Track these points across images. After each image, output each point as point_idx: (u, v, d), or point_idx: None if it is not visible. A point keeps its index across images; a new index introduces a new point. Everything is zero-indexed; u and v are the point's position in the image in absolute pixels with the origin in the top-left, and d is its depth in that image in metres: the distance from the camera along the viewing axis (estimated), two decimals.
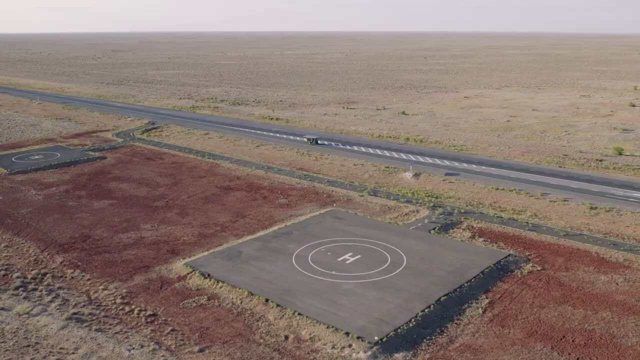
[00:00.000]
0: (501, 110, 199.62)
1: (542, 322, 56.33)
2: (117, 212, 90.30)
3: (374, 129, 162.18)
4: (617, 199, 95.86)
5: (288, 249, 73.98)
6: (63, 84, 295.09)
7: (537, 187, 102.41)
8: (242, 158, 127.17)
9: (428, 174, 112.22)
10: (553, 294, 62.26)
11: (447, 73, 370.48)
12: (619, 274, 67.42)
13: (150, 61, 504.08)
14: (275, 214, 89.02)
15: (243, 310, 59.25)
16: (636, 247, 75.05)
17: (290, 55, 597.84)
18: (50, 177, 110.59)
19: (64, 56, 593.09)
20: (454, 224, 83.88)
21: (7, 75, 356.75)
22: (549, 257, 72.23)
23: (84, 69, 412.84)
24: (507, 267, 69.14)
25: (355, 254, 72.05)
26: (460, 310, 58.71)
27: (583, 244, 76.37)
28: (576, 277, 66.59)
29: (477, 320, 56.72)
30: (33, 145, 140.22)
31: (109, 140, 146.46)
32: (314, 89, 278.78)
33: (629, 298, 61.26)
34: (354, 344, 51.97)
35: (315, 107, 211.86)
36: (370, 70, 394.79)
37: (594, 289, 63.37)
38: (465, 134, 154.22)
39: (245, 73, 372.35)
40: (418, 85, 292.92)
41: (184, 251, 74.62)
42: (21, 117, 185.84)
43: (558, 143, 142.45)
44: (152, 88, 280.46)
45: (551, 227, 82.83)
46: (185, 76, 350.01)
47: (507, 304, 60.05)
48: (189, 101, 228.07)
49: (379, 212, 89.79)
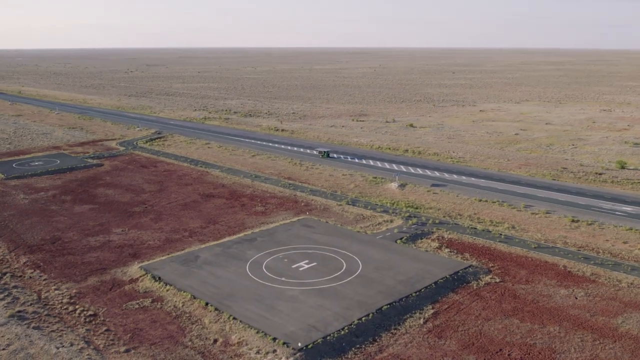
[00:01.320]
0: (513, 124, 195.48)
1: (483, 334, 54.20)
2: (94, 217, 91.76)
3: (375, 140, 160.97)
4: (602, 212, 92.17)
5: (246, 255, 73.61)
6: (87, 96, 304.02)
7: (523, 200, 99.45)
8: (233, 167, 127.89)
9: (414, 184, 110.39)
10: (504, 307, 59.94)
11: (471, 87, 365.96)
12: (582, 288, 64.50)
13: (180, 75, 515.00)
14: (247, 221, 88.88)
15: (182, 313, 59.04)
16: (608, 262, 71.78)
17: (318, 70, 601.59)
18: (43, 183, 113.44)
19: (99, 70, 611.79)
20: (424, 234, 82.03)
21: (38, 87, 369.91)
22: (513, 269, 69.73)
23: (113, 82, 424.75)
24: (465, 278, 67.01)
25: (311, 262, 71.14)
26: (401, 319, 57.06)
27: (552, 257, 73.51)
28: (534, 290, 64.01)
29: (414, 331, 54.98)
30: (37, 152, 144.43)
31: (111, 149, 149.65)
32: (330, 102, 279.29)
33: (584, 313, 58.44)
34: (278, 349, 51.06)
35: (325, 119, 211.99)
36: (393, 85, 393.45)
37: (549, 303, 60.73)
38: (467, 147, 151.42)
39: (267, 87, 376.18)
40: (437, 99, 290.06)
41: (145, 255, 75.09)
42: (36, 126, 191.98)
43: (561, 156, 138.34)
44: (171, 100, 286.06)
45: (524, 240, 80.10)
46: (208, 89, 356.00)
47: (452, 315, 58.08)
48: (202, 112, 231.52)
49: (351, 221, 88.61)
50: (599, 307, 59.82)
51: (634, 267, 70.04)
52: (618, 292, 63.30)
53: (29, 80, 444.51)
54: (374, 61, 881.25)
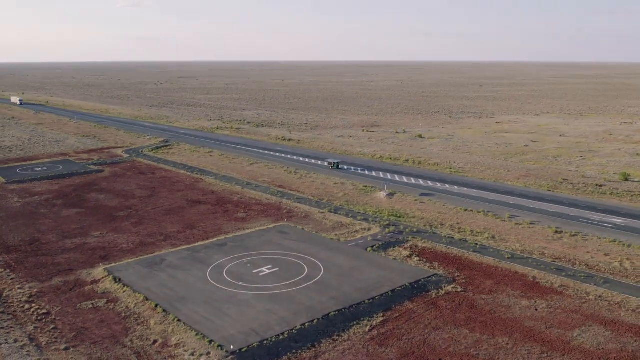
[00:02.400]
0: (525, 136, 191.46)
1: (427, 344, 52.68)
2: (78, 220, 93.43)
3: (379, 151, 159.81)
4: (590, 224, 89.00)
5: (211, 259, 73.66)
6: (110, 106, 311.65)
7: (512, 210, 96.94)
8: (229, 175, 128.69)
9: (403, 193, 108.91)
10: (457, 316, 58.20)
11: (494, 100, 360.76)
12: (546, 299, 62.17)
13: (208, 87, 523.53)
14: (224, 227, 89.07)
15: (131, 314, 59.30)
16: (581, 274, 69.07)
17: (345, 83, 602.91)
18: (40, 187, 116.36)
19: (131, 82, 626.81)
20: (398, 243, 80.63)
21: (66, 97, 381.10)
22: (478, 279, 67.78)
23: (139, 93, 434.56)
24: (425, 287, 65.44)
25: (274, 267, 70.70)
26: (347, 326, 55.99)
27: (524, 268, 71.20)
28: (494, 300, 62.01)
29: (357, 338, 53.83)
30: (45, 158, 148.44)
31: (116, 156, 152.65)
32: (347, 113, 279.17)
33: (539, 325, 56.25)
34: (212, 352, 50.72)
35: (335, 130, 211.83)
36: (415, 97, 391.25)
37: (506, 314, 58.70)
38: (471, 157, 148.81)
39: (288, 98, 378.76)
40: (455, 111, 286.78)
41: (115, 257, 75.91)
42: (52, 134, 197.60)
43: (565, 168, 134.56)
44: (190, 110, 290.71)
45: (499, 250, 77.90)
46: (229, 100, 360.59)
47: (400, 324, 56.69)
48: (216, 122, 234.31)
49: (328, 229, 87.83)
50: (557, 319, 57.51)
51: (607, 280, 67.21)
52: (583, 305, 60.77)
53: (60, 91, 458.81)
54: (405, 74, 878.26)
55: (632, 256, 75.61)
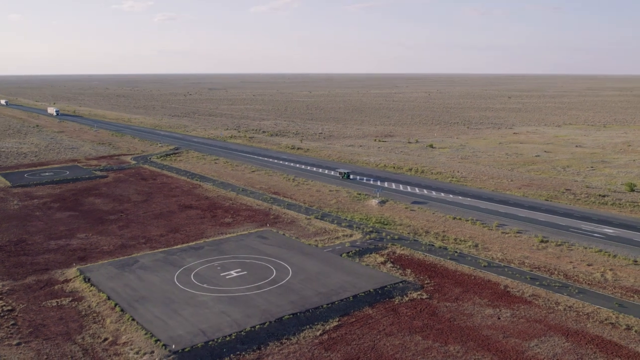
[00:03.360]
0: (540, 146, 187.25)
1: (374, 349, 51.57)
2: (68, 222, 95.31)
3: (384, 159, 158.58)
4: (579, 233, 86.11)
5: (184, 262, 74.03)
6: (133, 115, 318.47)
7: (502, 219, 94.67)
8: (227, 181, 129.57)
9: (395, 201, 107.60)
10: (414, 323, 56.85)
11: (519, 111, 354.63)
12: (512, 308, 60.22)
13: (235, 98, 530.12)
14: (207, 231, 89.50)
15: (91, 312, 59.96)
16: (556, 283, 66.78)
17: (372, 94, 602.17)
18: (42, 191, 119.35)
19: (161, 93, 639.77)
20: (376, 249, 79.51)
21: (94, 107, 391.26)
22: (448, 287, 66.17)
23: (166, 103, 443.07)
24: (390, 293, 64.25)
25: (243, 270, 70.58)
26: (299, 330, 55.31)
27: (498, 277, 69.24)
28: (458, 308, 60.37)
29: (305, 342, 53.10)
30: (55, 164, 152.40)
31: (123, 162, 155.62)
32: (365, 123, 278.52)
33: (497, 334, 54.45)
34: (156, 351, 50.80)
35: (348, 139, 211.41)
36: (438, 108, 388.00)
37: (466, 322, 57.05)
38: (476, 167, 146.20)
39: (310, 109, 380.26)
40: (475, 121, 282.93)
41: (92, 258, 77.06)
42: (70, 141, 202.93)
43: (571, 178, 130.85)
44: (210, 120, 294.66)
45: (477, 258, 76.03)
46: (251, 110, 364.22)
47: (353, 329, 55.69)
48: (232, 131, 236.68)
49: (310, 234, 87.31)
50: (518, 328, 55.58)
51: (582, 290, 64.77)
52: (549, 315, 58.61)
53: (90, 101, 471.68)
54: (436, 86, 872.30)
55: (615, 267, 72.75)
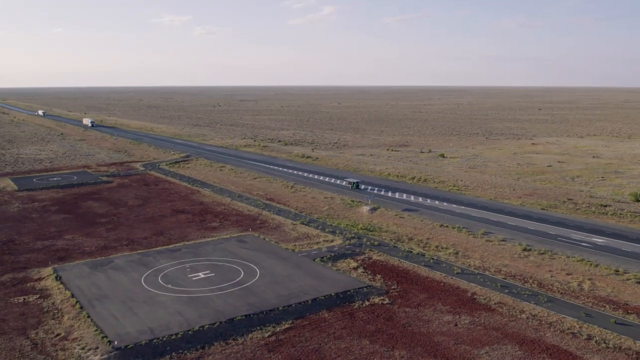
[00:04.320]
0: (555, 157, 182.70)
1: (318, 352, 50.87)
2: (60, 224, 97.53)
3: (390, 168, 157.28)
4: (567, 242, 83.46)
5: (157, 263, 74.78)
6: (157, 125, 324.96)
7: (490, 227, 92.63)
8: (227, 187, 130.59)
9: (386, 208, 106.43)
10: (367, 328, 55.88)
11: (545, 122, 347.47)
12: (473, 316, 58.57)
13: (262, 109, 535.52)
14: (191, 235, 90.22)
15: (52, 309, 61.00)
16: (526, 292, 64.77)
17: (401, 106, 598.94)
18: (45, 195, 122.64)
19: (192, 104, 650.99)
20: (352, 255, 78.70)
21: (121, 117, 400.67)
22: (413, 293, 64.88)
23: (192, 114, 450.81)
24: (352, 297, 63.39)
25: (211, 272, 70.82)
26: (248, 331, 55.05)
27: (468, 284, 67.57)
28: (417, 314, 59.08)
29: (251, 343, 52.78)
30: (66, 170, 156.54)
31: (132, 169, 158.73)
32: (383, 133, 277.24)
33: (448, 340, 53.01)
34: (100, 347, 51.35)
35: (360, 149, 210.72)
36: (462, 119, 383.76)
37: (421, 328, 55.74)
38: (482, 176, 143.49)
39: (333, 120, 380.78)
40: (497, 132, 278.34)
41: (71, 258, 78.56)
42: (88, 149, 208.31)
43: (577, 188, 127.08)
44: (230, 130, 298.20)
45: (452, 265, 74.44)
46: (273, 121, 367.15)
47: (303, 332, 55.09)
48: (248, 141, 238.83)
49: (291, 239, 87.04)
50: (472, 336, 53.98)
51: (552, 299, 62.60)
52: (509, 323, 56.76)
53: (120, 111, 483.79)
54: (469, 98, 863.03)
55: (595, 276, 70.08)
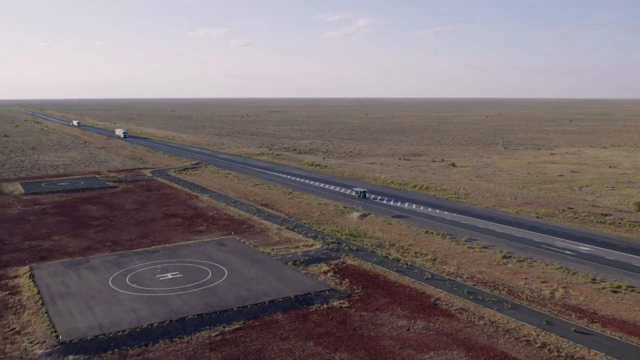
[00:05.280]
0: (570, 166, 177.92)
1: (259, 352, 50.51)
2: (53, 226, 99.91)
3: (395, 176, 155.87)
4: (549, 250, 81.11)
5: (130, 263, 75.77)
6: (179, 134, 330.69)
7: (476, 234, 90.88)
8: (226, 193, 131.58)
9: (376, 215, 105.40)
10: (317, 330, 55.23)
11: (571, 133, 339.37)
12: (429, 321, 57.23)
13: (288, 119, 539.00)
14: (175, 238, 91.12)
15: (16, 305, 62.38)
16: (492, 298, 62.93)
17: (429, 117, 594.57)
18: (49, 199, 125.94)
19: (222, 115, 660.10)
20: (326, 259, 78.08)
21: (149, 126, 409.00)
22: (375, 297, 63.89)
23: (217, 124, 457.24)
24: (311, 300, 62.85)
25: (180, 273, 71.29)
26: (197, 330, 55.09)
27: (434, 289, 66.16)
28: (372, 318, 58.09)
29: (195, 342, 52.77)
30: (76, 175, 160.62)
31: (140, 175, 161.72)
32: (401, 143, 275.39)
33: (395, 344, 51.92)
34: (47, 341, 52.21)
35: (373, 158, 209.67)
36: (486, 130, 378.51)
37: (371, 332, 54.76)
38: (487, 185, 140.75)
39: (355, 130, 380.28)
40: (517, 143, 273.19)
41: (51, 258, 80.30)
42: (104, 156, 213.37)
43: (581, 197, 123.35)
44: (250, 139, 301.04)
45: (425, 270, 73.01)
46: (295, 131, 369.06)
47: (251, 332, 54.83)
48: (264, 149, 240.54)
49: (271, 243, 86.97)
50: (421, 340, 52.70)
51: (517, 306, 60.71)
52: (463, 329, 55.24)
53: (148, 121, 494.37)
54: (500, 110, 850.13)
55: (570, 284, 67.71)
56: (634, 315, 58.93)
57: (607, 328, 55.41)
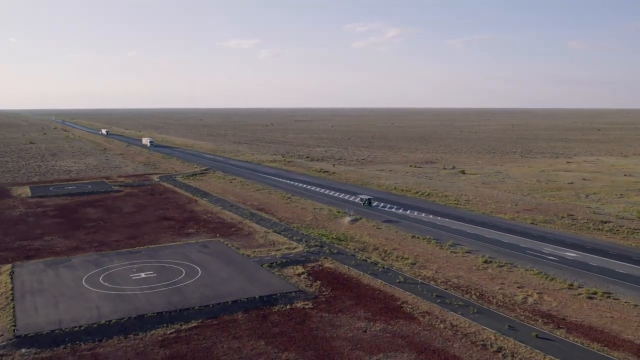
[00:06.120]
0: (584, 174, 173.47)
1: (207, 350, 50.44)
2: (47, 227, 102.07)
3: (400, 183, 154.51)
4: (532, 255, 79.29)
5: (109, 263, 76.84)
6: (199, 141, 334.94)
7: (462, 239, 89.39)
8: (225, 197, 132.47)
9: (368, 219, 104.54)
10: (272, 330, 54.88)
11: (595, 142, 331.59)
12: (388, 324, 56.28)
13: (312, 128, 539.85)
14: (161, 239, 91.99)
15: None
16: (459, 302, 61.58)
17: (454, 126, 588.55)
18: (52, 201, 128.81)
19: (246, 124, 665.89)
20: (304, 261, 77.71)
21: (171, 134, 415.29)
22: (342, 299, 63.21)
23: (240, 132, 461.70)
24: (275, 300, 62.59)
25: (154, 273, 71.89)
26: (154, 327, 55.32)
27: (403, 292, 65.16)
28: (332, 319, 57.44)
29: (149, 338, 53.00)
30: (86, 180, 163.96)
31: (147, 180, 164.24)
32: (415, 151, 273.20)
33: (346, 346, 51.22)
34: (5, 334, 53.28)
35: (384, 165, 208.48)
36: (507, 139, 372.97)
37: (325, 333, 54.15)
38: (491, 192, 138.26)
39: (375, 138, 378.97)
40: (536, 151, 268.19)
41: (37, 257, 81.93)
42: (119, 162, 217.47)
43: (585, 204, 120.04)
44: (267, 146, 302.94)
45: (400, 273, 71.99)
46: (313, 139, 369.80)
47: (206, 330, 54.84)
48: (277, 156, 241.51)
49: (255, 246, 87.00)
50: (374, 342, 51.83)
51: (482, 311, 59.31)
52: (421, 332, 54.12)
53: (172, 130, 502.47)
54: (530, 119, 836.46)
55: (546, 290, 65.81)
56: (604, 321, 56.85)
57: (571, 334, 53.56)
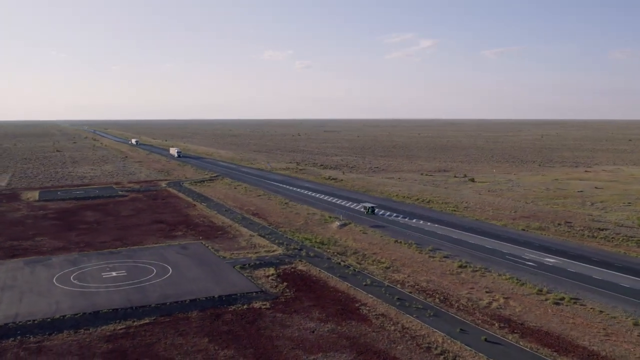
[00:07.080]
0: (598, 183, 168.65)
1: (149, 346, 50.70)
2: (42, 228, 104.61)
3: (404, 190, 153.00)
4: (510, 261, 77.52)
5: (86, 262, 78.28)
6: (219, 150, 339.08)
7: (445, 244, 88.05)
8: (224, 203, 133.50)
9: (356, 224, 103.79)
10: (221, 328, 54.89)
11: (623, 152, 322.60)
12: (339, 325, 55.60)
13: (337, 138, 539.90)
14: (146, 241, 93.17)
15: None
16: (418, 306, 60.38)
17: (480, 137, 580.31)
18: (55, 205, 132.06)
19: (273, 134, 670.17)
20: (278, 264, 77.62)
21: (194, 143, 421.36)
22: (302, 300, 62.81)
23: (263, 141, 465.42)
24: (234, 300, 62.67)
25: (125, 272, 72.82)
26: (105, 323, 55.95)
27: (366, 295, 64.37)
28: (284, 319, 57.11)
29: (97, 334, 53.61)
30: (96, 185, 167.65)
31: (154, 185, 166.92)
32: (432, 160, 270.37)
33: (288, 345, 50.84)
34: None
35: (395, 173, 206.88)
36: (531, 148, 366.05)
37: (271, 332, 53.85)
38: (494, 199, 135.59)
39: (396, 148, 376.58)
40: (556, 161, 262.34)
41: (21, 255, 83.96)
42: (135, 168, 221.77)
43: (587, 212, 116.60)
44: (284, 155, 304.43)
45: (369, 277, 71.22)
46: (333, 148, 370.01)
47: (155, 327, 55.15)
48: (290, 165, 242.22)
49: (235, 248, 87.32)
50: (317, 343, 51.25)
51: (440, 314, 58.10)
52: (370, 334, 53.29)
53: (198, 140, 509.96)
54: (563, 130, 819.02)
55: (513, 295, 64.03)
56: (564, 327, 54.86)
57: (524, 339, 51.85)
